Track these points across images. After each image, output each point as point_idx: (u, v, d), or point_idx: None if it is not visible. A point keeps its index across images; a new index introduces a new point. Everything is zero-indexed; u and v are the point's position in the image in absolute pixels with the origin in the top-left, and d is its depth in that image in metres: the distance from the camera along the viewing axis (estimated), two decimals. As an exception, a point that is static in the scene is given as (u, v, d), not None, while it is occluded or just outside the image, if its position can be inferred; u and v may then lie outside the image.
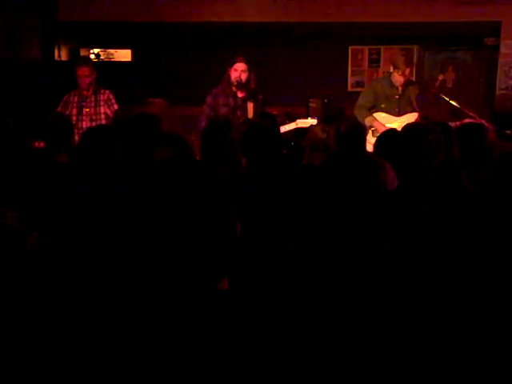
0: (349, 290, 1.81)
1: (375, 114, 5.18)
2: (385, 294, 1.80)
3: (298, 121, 4.98)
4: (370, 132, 5.09)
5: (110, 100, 5.20)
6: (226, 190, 1.34)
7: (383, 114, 5.18)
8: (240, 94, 4.73)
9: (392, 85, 5.17)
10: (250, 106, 4.69)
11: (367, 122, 5.11)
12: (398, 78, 5.11)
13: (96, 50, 7.66)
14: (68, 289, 1.93)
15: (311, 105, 7.16)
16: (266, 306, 1.40)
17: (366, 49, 7.89)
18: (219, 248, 1.31)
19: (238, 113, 4.67)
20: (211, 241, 1.29)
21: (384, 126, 5.03)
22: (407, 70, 5.09)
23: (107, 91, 5.22)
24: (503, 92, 7.44)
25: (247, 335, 1.24)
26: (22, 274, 1.91)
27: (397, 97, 5.16)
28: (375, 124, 5.08)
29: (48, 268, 2.04)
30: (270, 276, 2.18)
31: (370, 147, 4.61)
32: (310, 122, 4.97)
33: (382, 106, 5.19)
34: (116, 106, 5.16)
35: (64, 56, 7.42)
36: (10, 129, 3.56)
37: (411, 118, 5.07)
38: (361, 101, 5.31)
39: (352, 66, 7.93)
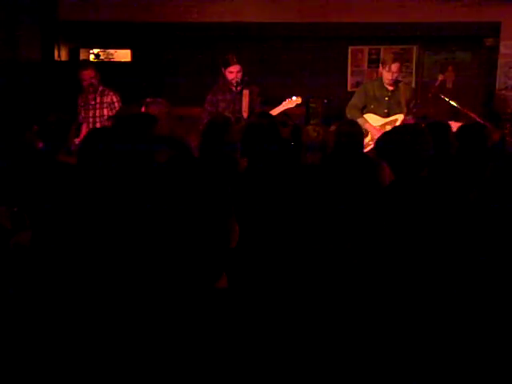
0: (347, 287, 1.81)
1: (366, 116, 5.23)
2: (382, 291, 1.80)
3: (284, 102, 5.07)
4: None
5: (114, 103, 5.22)
6: (227, 191, 1.35)
7: (372, 115, 5.23)
8: (234, 88, 4.88)
9: (382, 86, 5.22)
10: (246, 95, 4.84)
11: (359, 123, 5.15)
12: (386, 76, 5.14)
13: (96, 50, 7.65)
14: (63, 289, 1.93)
15: (311, 105, 7.16)
16: (265, 304, 1.40)
17: (365, 49, 7.88)
18: (216, 248, 1.31)
19: (236, 105, 4.82)
20: (208, 240, 1.29)
21: (374, 127, 5.13)
22: (393, 66, 5.09)
23: (111, 93, 5.24)
24: (502, 92, 7.44)
25: (246, 333, 1.24)
26: (8, 272, 1.90)
27: (386, 98, 5.21)
28: (366, 126, 5.14)
29: (40, 267, 2.04)
30: (269, 275, 2.18)
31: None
32: (295, 101, 5.05)
33: (372, 106, 5.24)
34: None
35: (64, 56, 7.41)
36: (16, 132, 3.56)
37: (397, 119, 5.15)
38: (353, 101, 5.38)
39: (352, 66, 7.92)
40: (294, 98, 5.07)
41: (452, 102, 5.26)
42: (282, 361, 1.28)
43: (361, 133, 3.81)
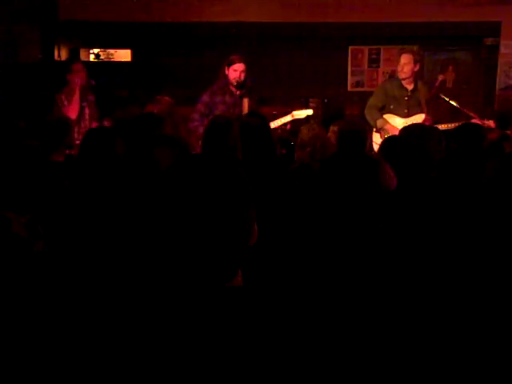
0: (351, 288, 1.81)
1: (385, 116, 5.11)
2: (385, 292, 1.80)
3: (294, 112, 4.99)
4: (379, 134, 5.07)
5: (93, 102, 5.21)
6: (248, 188, 1.33)
7: (392, 116, 5.11)
8: (237, 91, 4.78)
9: (402, 86, 5.11)
10: (245, 102, 4.75)
11: (379, 123, 5.05)
12: (399, 71, 5.09)
13: (96, 50, 7.66)
14: (76, 293, 1.92)
15: (311, 105, 7.16)
16: (279, 302, 1.40)
17: (365, 49, 7.89)
18: (232, 245, 1.30)
19: (235, 110, 4.73)
20: (226, 237, 1.28)
21: (396, 128, 4.91)
22: (402, 57, 5.05)
23: (89, 92, 5.21)
24: (503, 92, 7.44)
25: (259, 332, 1.24)
26: (30, 282, 1.89)
27: (406, 98, 5.10)
28: (387, 126, 5.01)
29: (55, 274, 2.03)
30: (281, 273, 2.18)
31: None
32: (306, 112, 4.99)
33: (391, 107, 5.12)
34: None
35: (64, 56, 7.41)
36: (21, 131, 3.55)
37: (418, 119, 5.01)
38: (372, 101, 5.24)
39: (352, 65, 7.93)
40: (304, 109, 5.00)
41: (452, 102, 5.25)
42: (294, 361, 1.27)
43: (364, 132, 3.79)
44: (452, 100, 5.27)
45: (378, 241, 2.07)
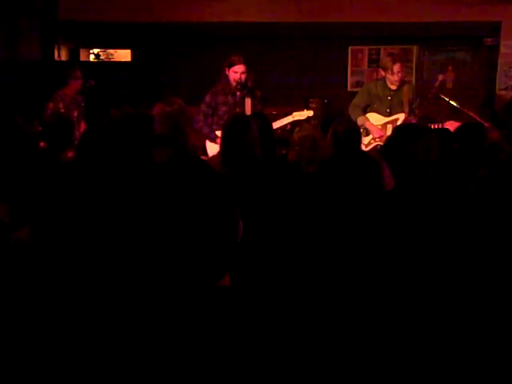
0: (348, 287, 1.81)
1: (367, 115, 5.28)
2: (383, 291, 1.80)
3: (295, 113, 5.01)
4: (361, 131, 5.18)
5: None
6: (231, 187, 1.34)
7: (374, 114, 5.27)
8: (238, 92, 4.78)
9: (386, 86, 5.25)
10: (248, 102, 4.75)
11: (359, 121, 5.21)
12: (391, 79, 5.16)
13: (96, 50, 7.66)
14: (63, 286, 1.93)
15: (311, 105, 7.15)
16: (267, 303, 1.40)
17: (365, 49, 7.89)
18: (220, 245, 1.31)
19: (237, 110, 4.73)
20: (212, 238, 1.29)
21: (375, 126, 5.19)
22: (395, 67, 5.12)
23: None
24: (502, 92, 7.44)
25: (247, 331, 1.24)
26: (8, 268, 1.90)
27: (389, 98, 5.24)
28: (367, 124, 5.21)
29: (39, 264, 2.04)
30: (270, 274, 2.18)
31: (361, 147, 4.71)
32: (306, 113, 5.01)
33: (375, 106, 5.28)
34: None
35: (64, 56, 7.41)
36: (19, 127, 3.54)
37: (399, 118, 5.18)
38: (355, 100, 5.41)
39: (352, 65, 7.92)
40: (305, 110, 5.04)
41: (452, 102, 5.27)
42: (283, 360, 1.27)
43: (358, 131, 3.83)
44: (452, 100, 5.28)
45: (378, 241, 2.07)
